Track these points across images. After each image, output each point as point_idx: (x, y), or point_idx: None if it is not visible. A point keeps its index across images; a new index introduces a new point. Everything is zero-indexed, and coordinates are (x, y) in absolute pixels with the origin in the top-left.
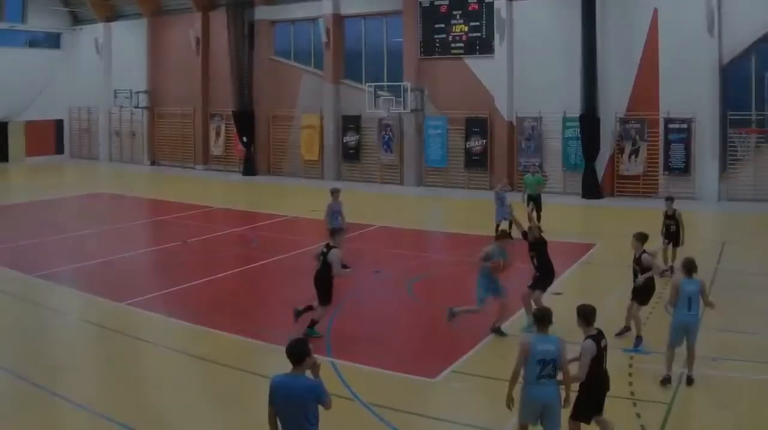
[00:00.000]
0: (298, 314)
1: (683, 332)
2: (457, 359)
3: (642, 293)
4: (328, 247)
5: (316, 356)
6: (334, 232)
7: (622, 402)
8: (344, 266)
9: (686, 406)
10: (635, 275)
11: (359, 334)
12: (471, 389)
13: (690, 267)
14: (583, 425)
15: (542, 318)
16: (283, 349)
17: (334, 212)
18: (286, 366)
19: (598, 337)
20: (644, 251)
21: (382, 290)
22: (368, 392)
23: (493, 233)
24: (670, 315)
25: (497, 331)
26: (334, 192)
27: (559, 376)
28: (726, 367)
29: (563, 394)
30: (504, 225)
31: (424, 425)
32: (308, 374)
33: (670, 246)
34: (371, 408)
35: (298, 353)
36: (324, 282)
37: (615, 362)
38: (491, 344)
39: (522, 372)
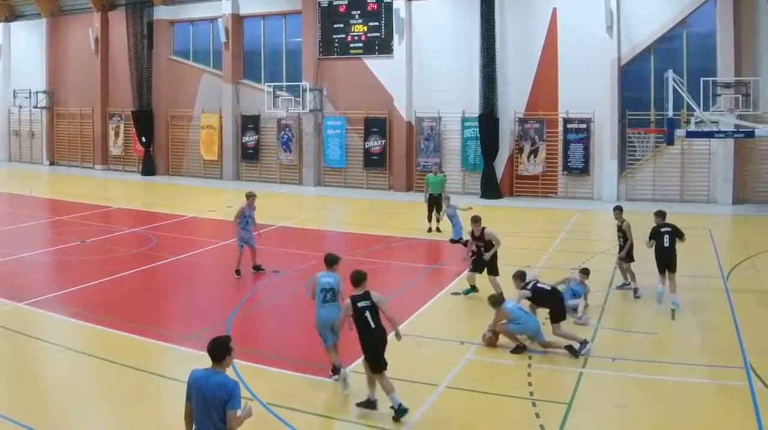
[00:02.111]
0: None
1: None
2: (356, 359)
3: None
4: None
5: (250, 404)
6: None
7: (522, 402)
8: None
9: (585, 406)
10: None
11: (259, 334)
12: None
13: None
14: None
15: (330, 261)
16: (182, 349)
17: (246, 217)
18: (185, 366)
19: (358, 298)
20: (484, 228)
21: (282, 290)
22: (268, 392)
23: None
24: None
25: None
26: (249, 196)
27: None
28: (624, 367)
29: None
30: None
31: (322, 424)
32: (228, 372)
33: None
34: (270, 408)
35: (219, 350)
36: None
37: (514, 363)
38: (388, 344)
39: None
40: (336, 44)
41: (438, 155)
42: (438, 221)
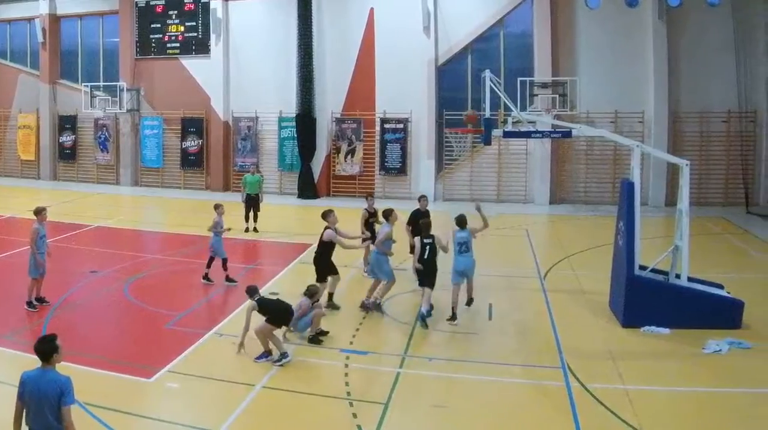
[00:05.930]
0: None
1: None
2: (173, 360)
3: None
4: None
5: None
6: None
7: (339, 402)
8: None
9: (402, 405)
10: None
11: (75, 333)
12: (187, 389)
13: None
14: None
15: (461, 221)
16: None
17: (42, 237)
18: (1, 365)
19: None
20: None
21: (99, 290)
22: (84, 392)
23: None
24: None
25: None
26: (39, 212)
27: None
28: (442, 367)
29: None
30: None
31: (140, 425)
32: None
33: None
34: (87, 408)
35: (47, 349)
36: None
37: (332, 363)
38: (206, 344)
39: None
40: (153, 44)
41: (255, 155)
42: (255, 220)
